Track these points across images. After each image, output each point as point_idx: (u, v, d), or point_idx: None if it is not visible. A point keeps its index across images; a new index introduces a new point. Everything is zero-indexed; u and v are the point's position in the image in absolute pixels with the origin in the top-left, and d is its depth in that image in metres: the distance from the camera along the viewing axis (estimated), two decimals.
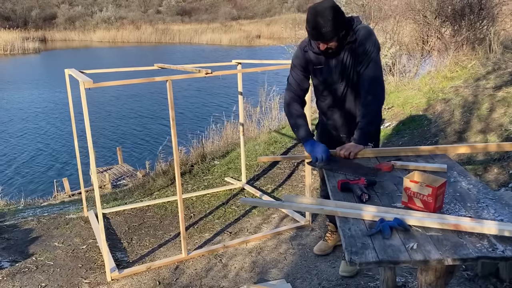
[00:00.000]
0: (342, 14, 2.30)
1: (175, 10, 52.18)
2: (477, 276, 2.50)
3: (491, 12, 7.52)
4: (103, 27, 43.63)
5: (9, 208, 5.24)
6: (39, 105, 16.59)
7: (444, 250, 1.50)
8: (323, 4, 2.27)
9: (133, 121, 14.41)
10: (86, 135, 2.96)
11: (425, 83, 6.54)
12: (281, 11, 49.69)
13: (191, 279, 3.06)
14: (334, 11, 2.25)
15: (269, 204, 3.47)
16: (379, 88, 2.44)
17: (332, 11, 2.23)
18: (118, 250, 3.55)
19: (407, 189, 1.80)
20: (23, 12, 46.11)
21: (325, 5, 2.25)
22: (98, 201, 3.11)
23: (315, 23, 2.26)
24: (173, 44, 38.96)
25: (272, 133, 6.39)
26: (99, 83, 2.87)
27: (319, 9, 2.25)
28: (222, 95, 16.83)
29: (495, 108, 4.59)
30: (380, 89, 2.45)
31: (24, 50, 33.94)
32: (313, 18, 2.26)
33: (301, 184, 4.65)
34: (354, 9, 9.28)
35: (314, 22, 2.26)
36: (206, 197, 4.57)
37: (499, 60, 6.05)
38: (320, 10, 2.25)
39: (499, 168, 3.71)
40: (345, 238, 1.60)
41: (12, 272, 3.22)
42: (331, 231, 3.18)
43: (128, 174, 9.41)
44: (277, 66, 4.00)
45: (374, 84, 2.41)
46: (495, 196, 1.87)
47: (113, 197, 5.08)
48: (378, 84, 2.42)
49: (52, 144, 12.35)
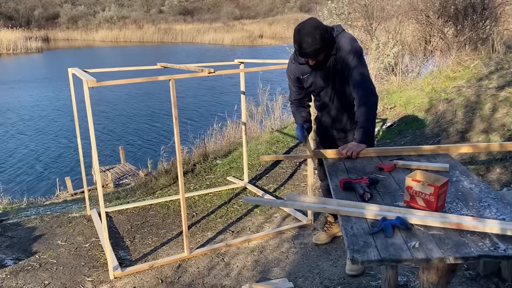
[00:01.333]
0: (325, 31, 2.48)
1: (178, 10, 52.21)
2: (479, 275, 2.51)
3: (494, 12, 7.51)
4: (105, 27, 43.68)
5: (12, 206, 5.27)
6: (42, 104, 16.63)
7: (446, 249, 1.51)
8: (308, 24, 2.46)
9: (136, 120, 14.43)
10: (90, 134, 2.97)
11: (428, 83, 6.53)
12: (283, 11, 49.66)
13: (194, 277, 3.07)
14: (319, 30, 2.44)
15: (271, 203, 3.48)
16: (369, 88, 2.56)
17: (317, 30, 2.43)
18: (120, 249, 3.57)
19: (409, 188, 1.80)
20: (26, 11, 46.21)
21: (310, 25, 2.46)
22: (101, 199, 3.12)
23: (302, 43, 2.45)
24: (175, 43, 38.99)
25: (274, 133, 6.40)
26: (102, 82, 2.89)
27: (305, 30, 2.44)
28: (224, 94, 16.85)
29: (498, 108, 4.58)
30: (369, 88, 2.57)
31: (27, 49, 34.02)
32: (300, 38, 2.45)
33: (303, 183, 4.65)
34: (356, 8, 9.28)
35: (301, 42, 2.45)
36: (208, 196, 4.58)
37: (501, 60, 6.04)
38: (306, 30, 2.44)
39: (501, 168, 3.71)
40: (348, 237, 1.61)
41: (16, 270, 3.24)
42: (330, 222, 3.32)
43: (131, 173, 9.42)
44: (279, 66, 4.00)
45: (363, 85, 2.55)
46: (497, 196, 1.88)
47: (116, 196, 5.10)
48: (366, 84, 2.56)
49: (55, 143, 12.37)
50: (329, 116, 2.87)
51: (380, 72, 8.14)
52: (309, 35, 2.42)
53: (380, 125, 5.87)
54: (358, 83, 2.54)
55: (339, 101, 2.75)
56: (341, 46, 2.55)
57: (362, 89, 2.53)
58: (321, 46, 2.45)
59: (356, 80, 2.55)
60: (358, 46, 2.58)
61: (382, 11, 9.10)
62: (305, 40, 2.42)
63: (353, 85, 2.56)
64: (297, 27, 2.49)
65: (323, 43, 2.45)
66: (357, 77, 2.54)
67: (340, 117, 2.81)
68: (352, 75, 2.55)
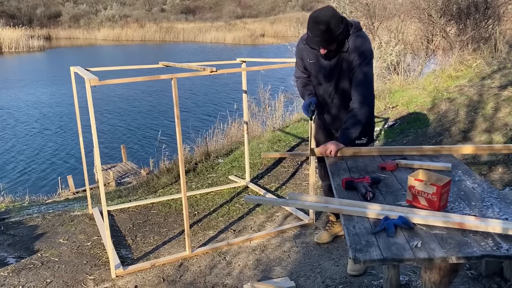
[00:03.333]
0: (341, 22, 2.42)
1: (179, 9, 52.19)
2: (481, 275, 2.50)
3: (497, 11, 7.50)
4: (107, 25, 43.69)
5: (14, 205, 5.28)
6: (44, 103, 16.65)
7: (448, 249, 1.50)
8: (324, 13, 2.40)
9: (138, 119, 14.44)
10: (92, 133, 2.97)
11: (430, 82, 6.52)
12: (285, 9, 49.60)
13: (195, 276, 3.07)
14: (334, 19, 2.38)
15: (273, 202, 3.48)
16: (367, 94, 2.57)
17: (332, 20, 2.37)
18: (122, 247, 3.57)
19: (412, 187, 1.80)
20: (28, 10, 46.24)
21: (325, 14, 2.39)
22: (103, 198, 3.12)
23: (316, 31, 2.40)
24: (177, 42, 38.98)
25: (276, 132, 6.40)
26: (104, 81, 2.89)
27: (320, 18, 2.38)
28: (226, 93, 16.84)
29: (500, 107, 4.57)
30: (368, 95, 2.58)
31: (29, 48, 34.06)
32: (315, 26, 2.40)
33: (305, 182, 4.65)
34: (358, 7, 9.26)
35: (315, 29, 2.40)
36: (210, 195, 4.58)
37: (504, 59, 6.03)
38: (321, 18, 2.38)
39: (504, 167, 3.70)
40: (350, 236, 1.61)
41: (18, 268, 3.25)
42: (331, 221, 3.31)
43: (132, 172, 9.44)
44: (282, 65, 4.00)
45: (363, 90, 2.55)
46: (499, 195, 1.87)
47: (118, 195, 5.10)
48: (365, 90, 2.56)
49: (57, 142, 12.40)
50: (329, 115, 2.86)
51: (382, 71, 8.13)
52: (323, 23, 2.36)
53: (382, 124, 5.86)
54: (359, 86, 2.54)
55: (340, 100, 2.73)
56: (355, 45, 2.51)
57: (360, 94, 2.54)
58: (335, 36, 2.40)
59: (358, 82, 2.54)
60: (370, 49, 2.55)
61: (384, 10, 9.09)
62: (319, 27, 2.37)
63: (354, 86, 2.56)
64: (312, 14, 2.44)
65: (336, 33, 2.40)
66: (359, 80, 2.54)
67: (340, 117, 2.79)
68: (357, 77, 2.54)
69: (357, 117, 2.54)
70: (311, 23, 2.41)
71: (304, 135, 6.01)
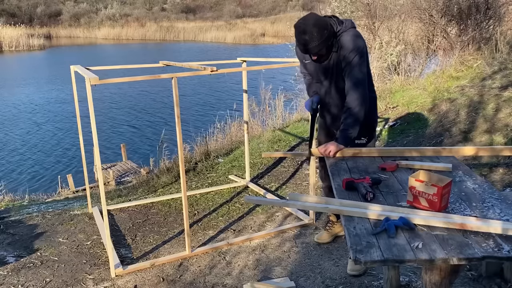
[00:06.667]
0: (325, 27, 2.44)
1: (180, 8, 52.18)
2: (481, 276, 2.50)
3: (498, 11, 7.48)
4: (108, 24, 43.70)
5: (13, 203, 5.27)
6: (44, 101, 16.65)
7: (449, 250, 1.50)
8: (306, 22, 2.43)
9: (138, 118, 14.43)
10: (92, 132, 2.97)
11: (430, 82, 6.51)
12: (285, 9, 49.59)
13: (195, 276, 3.07)
14: (318, 26, 2.41)
15: (273, 202, 3.48)
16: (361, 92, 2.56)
17: (315, 28, 2.40)
18: (122, 247, 3.57)
19: (413, 188, 1.79)
20: (29, 8, 46.26)
21: (307, 22, 2.42)
22: (103, 197, 3.12)
23: (301, 40, 2.45)
24: (177, 41, 38.97)
25: (276, 131, 6.39)
26: (105, 80, 2.88)
27: (304, 27, 2.42)
28: (226, 93, 16.83)
29: (501, 108, 4.57)
30: (362, 93, 2.57)
31: (30, 46, 34.06)
32: (299, 36, 2.45)
33: (305, 182, 4.64)
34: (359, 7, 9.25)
35: (300, 39, 2.45)
36: (210, 194, 4.57)
37: (505, 60, 6.02)
38: (303, 28, 2.42)
39: (504, 168, 3.69)
40: (350, 237, 1.60)
41: (17, 267, 3.25)
42: (332, 221, 3.31)
43: (132, 171, 9.43)
44: (282, 64, 4.00)
45: (355, 88, 2.55)
46: (500, 196, 1.87)
47: (117, 194, 5.10)
48: (360, 88, 2.56)
49: (57, 140, 12.40)
50: (329, 114, 2.86)
51: (382, 71, 8.12)
52: (306, 32, 2.41)
53: (382, 124, 5.85)
54: (353, 85, 2.54)
55: (339, 99, 2.73)
56: (343, 45, 2.52)
57: (354, 92, 2.54)
58: (320, 43, 2.44)
59: (351, 81, 2.54)
60: (361, 45, 2.54)
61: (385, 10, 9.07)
62: (303, 37, 2.42)
63: (348, 86, 2.57)
64: (296, 24, 2.48)
65: (321, 39, 2.43)
66: (353, 79, 2.54)
67: (337, 117, 2.77)
68: (349, 76, 2.54)
69: (352, 116, 2.54)
70: (296, 33, 2.46)
71: (305, 135, 6.01)
